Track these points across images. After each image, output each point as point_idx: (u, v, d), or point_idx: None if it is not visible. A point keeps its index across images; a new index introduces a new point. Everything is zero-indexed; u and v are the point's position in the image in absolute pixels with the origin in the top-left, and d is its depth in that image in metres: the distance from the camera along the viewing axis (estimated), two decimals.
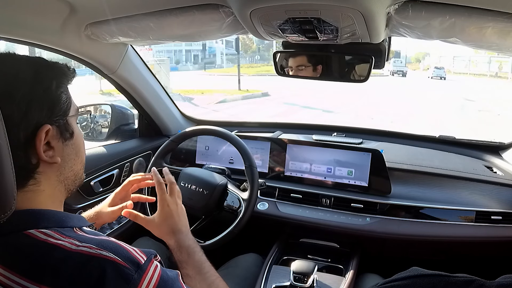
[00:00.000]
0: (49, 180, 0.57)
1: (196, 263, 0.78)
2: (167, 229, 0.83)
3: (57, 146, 0.57)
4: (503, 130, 6.96)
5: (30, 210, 0.53)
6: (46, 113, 0.54)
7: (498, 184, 1.35)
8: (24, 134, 0.52)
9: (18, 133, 0.51)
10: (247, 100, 11.37)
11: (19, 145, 0.52)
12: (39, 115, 0.53)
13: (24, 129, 0.52)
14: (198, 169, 1.33)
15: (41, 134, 0.53)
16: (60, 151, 0.57)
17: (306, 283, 1.02)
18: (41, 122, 0.53)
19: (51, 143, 0.56)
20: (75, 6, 0.96)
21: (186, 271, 0.77)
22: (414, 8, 0.78)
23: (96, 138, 1.59)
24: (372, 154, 1.39)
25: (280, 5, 0.77)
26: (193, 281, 0.75)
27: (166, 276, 0.55)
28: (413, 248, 1.39)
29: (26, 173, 0.53)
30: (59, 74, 0.58)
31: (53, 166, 0.57)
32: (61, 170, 0.58)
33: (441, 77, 22.40)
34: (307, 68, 1.17)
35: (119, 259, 0.50)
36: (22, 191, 0.53)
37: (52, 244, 0.50)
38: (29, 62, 0.56)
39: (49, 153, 0.55)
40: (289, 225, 1.39)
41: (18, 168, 0.49)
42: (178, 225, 0.84)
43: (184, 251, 0.79)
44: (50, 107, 0.55)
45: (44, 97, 0.54)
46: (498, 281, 0.52)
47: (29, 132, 0.52)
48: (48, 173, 0.56)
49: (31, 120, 0.52)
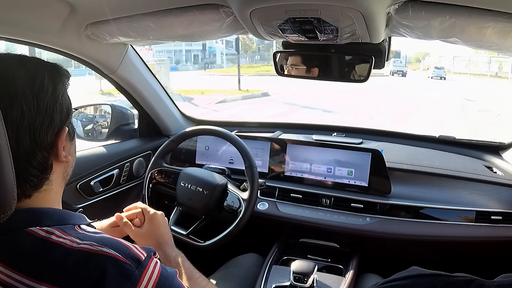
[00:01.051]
0: (58, 179, 0.59)
1: (186, 271, 0.80)
2: (154, 242, 0.85)
3: (67, 146, 0.59)
4: (503, 130, 6.96)
5: (32, 209, 0.54)
6: (64, 115, 0.57)
7: (498, 184, 1.35)
8: (50, 138, 0.55)
9: (46, 138, 0.54)
10: (247, 100, 11.38)
11: (45, 148, 0.54)
12: (60, 118, 0.56)
13: (52, 133, 0.55)
14: (198, 169, 1.33)
15: (63, 136, 0.57)
16: (69, 150, 0.61)
17: (306, 283, 1.02)
18: (63, 124, 0.57)
19: (64, 144, 0.58)
20: (75, 6, 0.96)
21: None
22: (414, 8, 0.78)
23: (96, 138, 1.59)
24: (372, 154, 1.39)
25: (280, 5, 0.77)
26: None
27: (166, 272, 0.55)
28: (413, 248, 1.39)
29: (45, 174, 0.56)
30: (64, 77, 0.60)
31: (62, 164, 0.59)
32: (66, 168, 0.61)
33: (441, 77, 22.40)
34: (307, 68, 1.17)
35: (120, 256, 0.50)
36: (37, 192, 0.55)
37: (53, 242, 0.51)
38: (45, 66, 0.57)
39: (63, 153, 0.58)
40: (289, 225, 1.39)
41: (40, 171, 0.54)
42: (165, 237, 0.87)
43: (173, 261, 0.82)
44: (66, 109, 0.58)
45: (62, 100, 0.57)
46: (498, 280, 0.52)
47: (54, 135, 0.56)
48: (58, 172, 0.59)
49: (56, 124, 0.56)
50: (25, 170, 0.52)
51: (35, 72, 0.54)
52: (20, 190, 0.51)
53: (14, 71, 0.53)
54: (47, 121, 0.54)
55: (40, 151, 0.53)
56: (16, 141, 0.50)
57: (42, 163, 0.54)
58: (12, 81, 0.52)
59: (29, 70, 0.54)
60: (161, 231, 0.87)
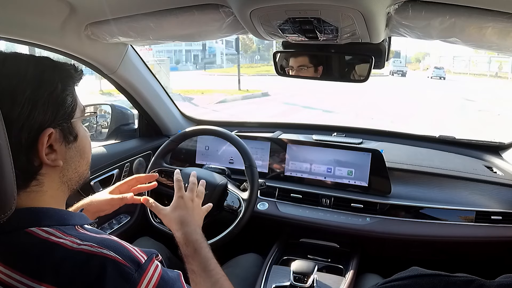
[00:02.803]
0: (52, 182, 0.57)
1: (202, 259, 0.77)
2: (176, 219, 0.84)
3: (59, 149, 0.56)
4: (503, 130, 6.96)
5: (32, 208, 0.53)
6: (49, 116, 0.53)
7: (498, 184, 1.35)
8: (26, 136, 0.51)
9: (20, 135, 0.51)
10: (247, 100, 11.37)
11: (21, 147, 0.51)
12: (42, 118, 0.52)
13: (27, 132, 0.51)
14: (198, 169, 1.33)
15: (43, 138, 0.53)
16: (63, 154, 0.57)
17: (306, 283, 1.02)
18: (44, 125, 0.53)
19: (53, 146, 0.55)
20: (75, 6, 0.96)
21: (191, 266, 0.76)
22: (414, 8, 0.78)
23: (96, 138, 1.59)
24: (372, 154, 1.39)
25: (280, 5, 0.77)
26: (197, 277, 0.75)
27: (167, 276, 0.55)
28: (413, 248, 1.39)
29: (28, 175, 0.53)
30: (65, 76, 0.57)
31: (56, 168, 0.56)
32: (64, 172, 0.58)
33: (441, 77, 22.40)
34: (307, 68, 1.17)
35: (120, 258, 0.50)
36: (25, 192, 0.53)
37: (53, 242, 0.50)
38: (35, 63, 0.54)
39: (51, 156, 0.55)
40: (289, 225, 1.39)
41: (20, 170, 0.50)
42: (188, 218, 0.84)
43: (191, 245, 0.79)
44: (54, 110, 0.54)
45: (48, 100, 0.53)
46: (498, 280, 0.52)
47: (31, 135, 0.52)
48: (51, 175, 0.56)
49: (34, 123, 0.52)
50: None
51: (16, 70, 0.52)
52: None
53: None
54: (20, 121, 0.50)
55: (16, 152, 0.49)
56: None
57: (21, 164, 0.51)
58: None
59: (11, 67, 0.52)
60: (185, 212, 0.85)
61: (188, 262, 0.77)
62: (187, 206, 0.87)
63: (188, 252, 0.78)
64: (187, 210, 0.86)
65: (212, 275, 0.75)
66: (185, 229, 0.82)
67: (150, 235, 1.36)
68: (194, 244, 0.79)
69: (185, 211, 0.85)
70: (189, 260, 0.77)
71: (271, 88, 13.11)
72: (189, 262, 0.77)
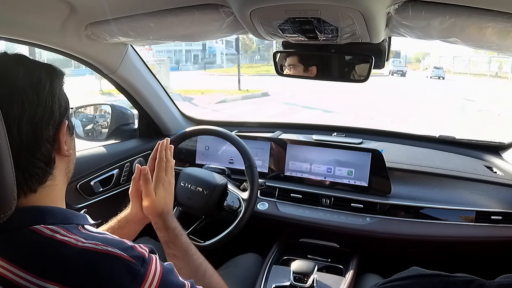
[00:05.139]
0: (61, 174, 0.60)
1: (183, 245, 0.80)
2: (160, 208, 0.82)
3: (68, 140, 0.60)
4: (503, 130, 6.96)
5: (36, 207, 0.54)
6: (63, 109, 0.59)
7: (498, 184, 1.35)
8: (52, 131, 0.56)
9: (48, 131, 0.55)
10: (247, 100, 11.37)
11: (48, 141, 0.55)
12: (60, 112, 0.57)
13: (52, 126, 0.56)
14: (198, 169, 1.33)
15: (64, 129, 0.58)
16: (70, 144, 0.61)
17: (306, 283, 1.02)
18: (62, 117, 0.58)
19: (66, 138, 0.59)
20: (75, 6, 0.96)
21: (173, 251, 0.79)
22: (414, 8, 0.78)
23: (96, 138, 1.59)
24: (372, 154, 1.39)
25: (280, 5, 0.77)
26: (180, 262, 0.77)
27: (165, 268, 0.56)
28: (413, 248, 1.39)
29: (48, 169, 0.56)
30: (60, 74, 0.60)
31: (64, 159, 0.60)
32: (68, 163, 0.62)
33: (440, 77, 22.39)
34: (307, 68, 1.17)
35: (125, 255, 0.51)
36: (41, 187, 0.55)
37: (58, 240, 0.51)
38: (40, 65, 0.58)
39: (65, 147, 0.58)
40: (289, 225, 1.39)
41: (44, 164, 0.55)
42: (169, 206, 0.85)
43: (172, 231, 0.81)
44: (65, 105, 0.59)
45: (60, 95, 0.58)
46: (498, 281, 0.52)
47: (55, 127, 0.56)
48: (60, 167, 0.59)
49: (56, 117, 0.56)
50: (30, 163, 0.53)
51: (32, 68, 0.56)
52: (26, 185, 0.53)
53: (13, 68, 0.54)
54: (47, 114, 0.55)
55: (43, 143, 0.54)
56: (19, 135, 0.51)
57: (46, 155, 0.55)
58: (12, 77, 0.53)
59: (27, 67, 0.56)
60: (167, 200, 0.84)
61: (170, 248, 0.79)
62: (168, 193, 0.85)
63: (169, 238, 0.80)
64: (167, 198, 0.85)
65: (194, 259, 0.79)
66: (166, 217, 0.83)
67: (150, 235, 1.36)
68: (174, 231, 0.81)
69: (166, 200, 0.84)
70: (171, 245, 0.79)
71: (271, 88, 13.11)
72: (171, 247, 0.79)
